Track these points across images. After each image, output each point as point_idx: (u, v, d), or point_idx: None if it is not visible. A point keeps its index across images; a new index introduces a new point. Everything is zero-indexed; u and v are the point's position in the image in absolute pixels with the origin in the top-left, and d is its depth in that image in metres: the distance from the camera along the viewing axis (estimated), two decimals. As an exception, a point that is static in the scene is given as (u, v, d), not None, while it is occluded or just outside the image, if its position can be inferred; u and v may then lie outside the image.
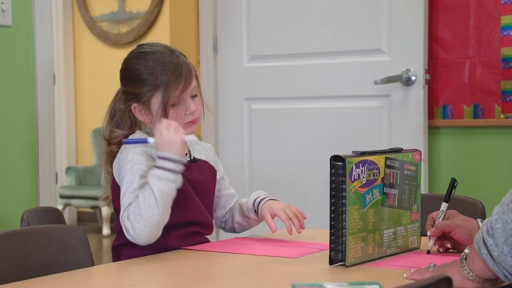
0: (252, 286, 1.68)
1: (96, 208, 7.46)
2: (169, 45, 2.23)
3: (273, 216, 2.22)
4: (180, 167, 2.05)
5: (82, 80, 7.97)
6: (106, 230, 7.22)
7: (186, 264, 1.92)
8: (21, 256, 1.85)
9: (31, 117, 3.44)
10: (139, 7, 7.53)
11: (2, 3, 3.30)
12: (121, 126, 2.23)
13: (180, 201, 2.10)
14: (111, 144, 2.22)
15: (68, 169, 7.59)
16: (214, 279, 1.78)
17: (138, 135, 2.20)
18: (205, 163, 2.28)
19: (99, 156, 7.71)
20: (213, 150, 2.36)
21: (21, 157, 3.40)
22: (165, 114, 2.13)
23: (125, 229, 2.02)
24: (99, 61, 7.81)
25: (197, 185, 2.20)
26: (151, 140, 2.08)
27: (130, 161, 2.10)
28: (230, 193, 2.37)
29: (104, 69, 7.72)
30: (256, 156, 3.98)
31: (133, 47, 2.28)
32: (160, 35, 7.28)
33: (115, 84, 2.27)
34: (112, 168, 2.18)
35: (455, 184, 2.02)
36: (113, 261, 2.18)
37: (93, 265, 2.00)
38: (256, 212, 2.27)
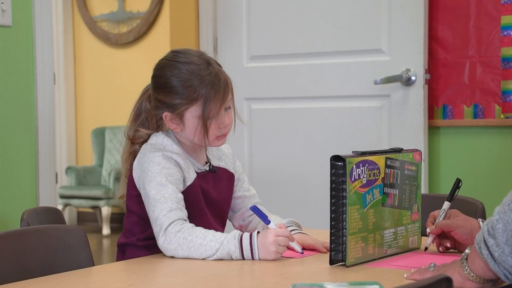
0: (252, 286, 1.68)
1: (96, 208, 7.46)
2: (204, 53, 2.17)
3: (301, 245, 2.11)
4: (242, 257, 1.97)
5: (82, 80, 7.97)
6: (106, 230, 7.22)
7: (186, 264, 1.92)
8: (21, 256, 1.85)
9: (31, 117, 3.44)
10: (139, 7, 7.53)
11: (2, 3, 3.30)
12: (146, 126, 2.20)
13: (191, 212, 2.09)
14: (135, 143, 2.20)
15: (68, 169, 7.59)
16: (214, 279, 1.78)
17: (161, 138, 2.16)
18: (224, 171, 2.25)
19: (99, 156, 7.73)
20: (231, 150, 2.33)
21: (21, 157, 3.40)
22: (205, 129, 2.09)
23: (161, 242, 2.00)
24: (99, 61, 7.80)
25: (210, 197, 2.17)
26: (272, 225, 2.01)
27: (158, 164, 2.08)
28: (246, 195, 2.31)
29: (104, 69, 7.72)
30: (256, 156, 3.98)
31: (133, 47, 2.25)
32: (160, 35, 7.28)
33: (115, 84, 2.27)
34: (130, 167, 2.17)
35: (460, 185, 2.02)
36: (117, 257, 2.18)
37: (93, 265, 2.00)
38: None
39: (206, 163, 2.21)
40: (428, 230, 1.99)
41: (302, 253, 2.01)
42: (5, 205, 3.32)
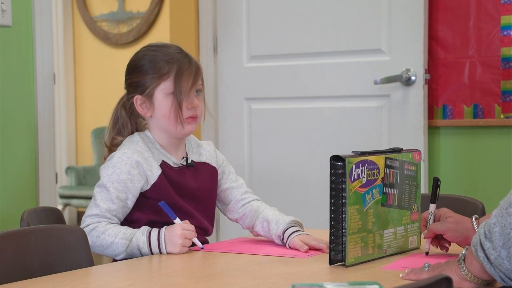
0: (252, 286, 1.68)
1: (96, 208, 7.45)
2: (179, 46, 2.23)
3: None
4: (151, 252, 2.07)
5: (82, 80, 7.97)
6: (106, 230, 7.22)
7: (186, 264, 1.93)
8: (21, 256, 1.85)
9: (31, 117, 3.43)
10: (139, 7, 7.53)
11: (2, 3, 3.30)
12: (123, 133, 2.26)
13: (172, 209, 2.10)
14: (112, 150, 2.23)
15: (68, 169, 7.59)
16: (214, 279, 1.78)
17: (133, 136, 2.21)
18: (205, 165, 2.26)
19: (99, 156, 7.72)
20: (212, 145, 2.34)
21: (21, 157, 3.40)
22: (179, 105, 2.13)
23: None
24: (99, 61, 7.80)
25: (189, 190, 2.19)
26: (178, 220, 2.08)
27: (113, 166, 2.13)
28: (233, 186, 2.32)
29: (104, 69, 7.72)
30: (256, 156, 3.98)
31: (133, 47, 2.29)
32: (160, 35, 7.28)
33: (115, 84, 2.28)
34: None
35: (439, 183, 2.01)
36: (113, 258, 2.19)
37: (93, 265, 2.00)
38: (282, 240, 2.15)
39: (183, 158, 2.22)
40: (422, 235, 1.98)
41: (202, 248, 2.09)
42: (5, 205, 3.32)
